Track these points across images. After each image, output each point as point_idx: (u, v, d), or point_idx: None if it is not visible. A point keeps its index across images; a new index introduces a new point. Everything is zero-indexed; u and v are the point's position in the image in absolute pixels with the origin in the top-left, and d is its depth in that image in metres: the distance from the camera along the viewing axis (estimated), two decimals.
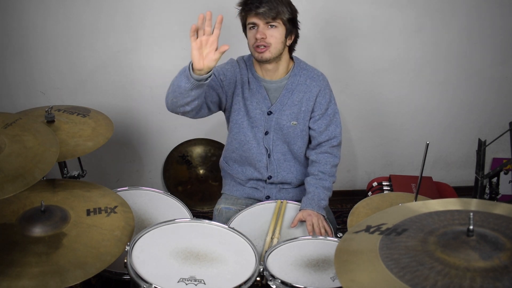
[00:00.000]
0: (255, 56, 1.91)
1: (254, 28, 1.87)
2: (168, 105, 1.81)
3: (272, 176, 2.10)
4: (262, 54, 1.87)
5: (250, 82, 1.99)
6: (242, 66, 2.00)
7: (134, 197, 1.97)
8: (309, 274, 1.57)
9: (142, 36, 2.66)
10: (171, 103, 1.78)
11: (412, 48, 2.81)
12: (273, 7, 1.82)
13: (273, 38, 1.86)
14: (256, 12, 1.83)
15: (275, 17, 1.83)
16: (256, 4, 1.83)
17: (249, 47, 1.92)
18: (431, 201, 1.31)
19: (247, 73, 1.99)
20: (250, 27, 1.88)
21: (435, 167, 3.13)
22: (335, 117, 2.04)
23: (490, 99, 2.98)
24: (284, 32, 1.88)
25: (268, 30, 1.85)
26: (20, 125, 1.69)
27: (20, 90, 2.71)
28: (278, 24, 1.85)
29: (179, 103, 1.76)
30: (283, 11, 1.84)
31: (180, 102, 1.75)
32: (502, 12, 2.76)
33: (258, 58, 1.90)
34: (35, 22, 2.57)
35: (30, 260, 1.44)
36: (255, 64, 1.99)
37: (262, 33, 1.84)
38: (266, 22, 1.84)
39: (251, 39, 1.89)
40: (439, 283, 0.99)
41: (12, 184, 1.41)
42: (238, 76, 1.98)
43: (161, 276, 1.47)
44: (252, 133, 2.04)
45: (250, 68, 2.00)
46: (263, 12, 1.82)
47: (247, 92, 1.99)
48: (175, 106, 1.78)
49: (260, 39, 1.85)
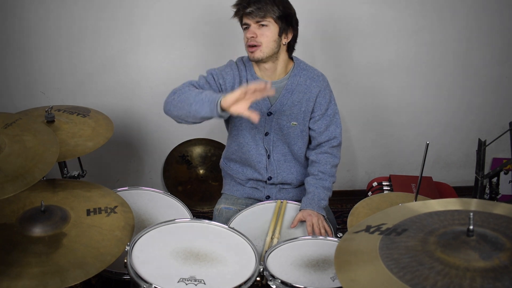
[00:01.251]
0: (248, 56, 1.93)
1: (246, 28, 1.89)
2: (170, 114, 1.85)
3: (272, 177, 2.10)
4: (254, 53, 1.89)
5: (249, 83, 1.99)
6: (241, 67, 2.00)
7: (134, 197, 1.97)
8: (309, 274, 1.57)
9: (142, 36, 2.66)
10: (175, 115, 1.83)
11: (412, 48, 2.81)
12: (261, 6, 1.84)
13: (264, 37, 1.87)
14: (245, 12, 1.86)
15: (263, 16, 1.85)
16: (244, 5, 1.86)
17: (245, 47, 1.93)
18: (431, 201, 1.31)
19: (246, 74, 1.99)
20: (244, 28, 1.91)
21: (435, 167, 3.13)
22: (335, 118, 2.04)
23: (490, 99, 2.98)
24: (277, 30, 1.88)
25: (259, 30, 1.87)
26: (20, 125, 1.69)
27: (20, 90, 2.71)
28: (268, 23, 1.86)
29: (187, 120, 1.82)
30: (272, 9, 1.85)
31: (189, 120, 1.81)
32: (501, 13, 2.76)
33: (251, 58, 1.92)
34: (36, 22, 2.57)
35: (30, 260, 1.43)
36: (254, 65, 1.99)
37: (252, 32, 1.86)
38: (256, 21, 1.86)
39: (244, 39, 1.92)
40: (439, 283, 0.99)
41: (12, 184, 1.41)
42: (237, 78, 1.98)
43: (161, 276, 1.46)
44: (251, 135, 2.04)
45: (249, 69, 2.00)
46: (251, 12, 1.84)
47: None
48: (179, 118, 1.83)
49: (250, 39, 1.87)
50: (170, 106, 1.84)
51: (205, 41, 2.70)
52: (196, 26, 2.67)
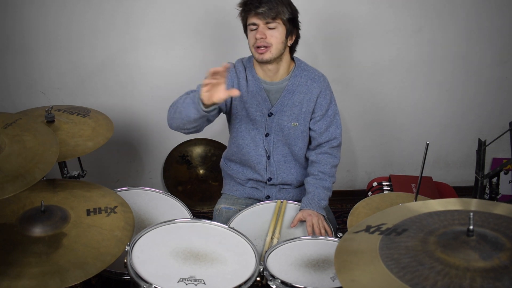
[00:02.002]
0: (255, 57, 1.91)
1: (254, 29, 1.87)
2: (173, 127, 1.91)
3: (272, 178, 2.10)
4: (263, 55, 1.87)
5: (250, 84, 1.99)
6: (239, 69, 2.00)
7: (134, 197, 1.97)
8: (309, 274, 1.57)
9: (142, 36, 2.66)
10: (176, 127, 1.89)
11: (412, 48, 2.81)
12: (273, 6, 1.82)
13: (274, 38, 1.85)
14: (256, 12, 1.83)
15: (275, 17, 1.83)
16: (255, 4, 1.83)
17: (250, 47, 1.92)
18: (431, 201, 1.31)
19: (245, 76, 1.99)
20: (251, 28, 1.88)
21: (435, 167, 3.13)
22: (335, 118, 2.04)
23: (490, 99, 2.98)
24: (285, 32, 1.88)
25: (268, 31, 1.85)
26: (20, 125, 1.69)
27: (20, 90, 2.71)
28: (278, 25, 1.85)
29: (185, 127, 1.86)
30: (283, 11, 1.84)
31: (187, 126, 1.86)
32: (501, 13, 2.76)
33: (259, 59, 1.89)
34: (36, 22, 2.57)
35: (30, 260, 1.43)
36: (256, 65, 1.99)
37: (262, 33, 1.84)
38: (266, 22, 1.84)
39: (251, 39, 1.89)
40: (439, 283, 0.99)
41: (12, 184, 1.41)
42: (235, 81, 1.98)
43: (161, 276, 1.46)
44: (251, 136, 2.04)
45: (250, 69, 1.99)
46: (263, 12, 1.82)
47: (246, 95, 1.99)
48: (181, 129, 1.89)
49: (260, 39, 1.84)
50: (170, 120, 1.90)
51: (205, 41, 2.70)
52: (196, 26, 2.66)
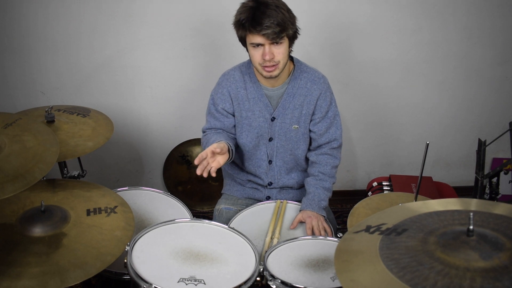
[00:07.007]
0: (263, 75, 1.87)
1: (258, 47, 1.81)
2: None
3: (273, 182, 2.10)
4: (272, 73, 1.84)
5: (250, 91, 1.97)
6: (236, 78, 1.98)
7: (134, 197, 1.97)
8: (309, 274, 1.57)
9: (142, 36, 2.66)
10: None
11: (412, 48, 2.81)
12: (278, 24, 1.75)
13: (280, 55, 1.82)
14: (262, 34, 1.76)
15: (282, 37, 1.78)
16: (261, 25, 1.74)
17: (254, 63, 1.87)
18: (431, 201, 1.31)
19: (244, 84, 1.97)
20: (254, 46, 1.82)
21: (435, 167, 3.13)
22: (335, 120, 2.03)
23: (490, 99, 2.98)
24: (288, 44, 1.85)
25: (274, 48, 1.80)
26: (20, 125, 1.70)
27: (20, 90, 2.71)
28: (283, 41, 1.81)
29: None
30: (287, 27, 1.78)
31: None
32: (502, 12, 2.76)
33: (267, 76, 1.86)
34: (35, 23, 2.57)
35: (30, 260, 1.44)
36: (257, 73, 1.95)
37: (270, 53, 1.79)
38: (272, 42, 1.79)
39: (256, 57, 1.83)
40: (439, 283, 0.99)
41: (12, 184, 1.42)
42: (233, 92, 1.98)
43: (161, 276, 1.47)
44: (253, 144, 2.03)
45: (251, 76, 1.97)
46: (269, 33, 1.75)
47: (247, 103, 1.98)
48: None
49: (269, 60, 1.80)
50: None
51: (204, 41, 2.70)
52: (196, 26, 2.66)
